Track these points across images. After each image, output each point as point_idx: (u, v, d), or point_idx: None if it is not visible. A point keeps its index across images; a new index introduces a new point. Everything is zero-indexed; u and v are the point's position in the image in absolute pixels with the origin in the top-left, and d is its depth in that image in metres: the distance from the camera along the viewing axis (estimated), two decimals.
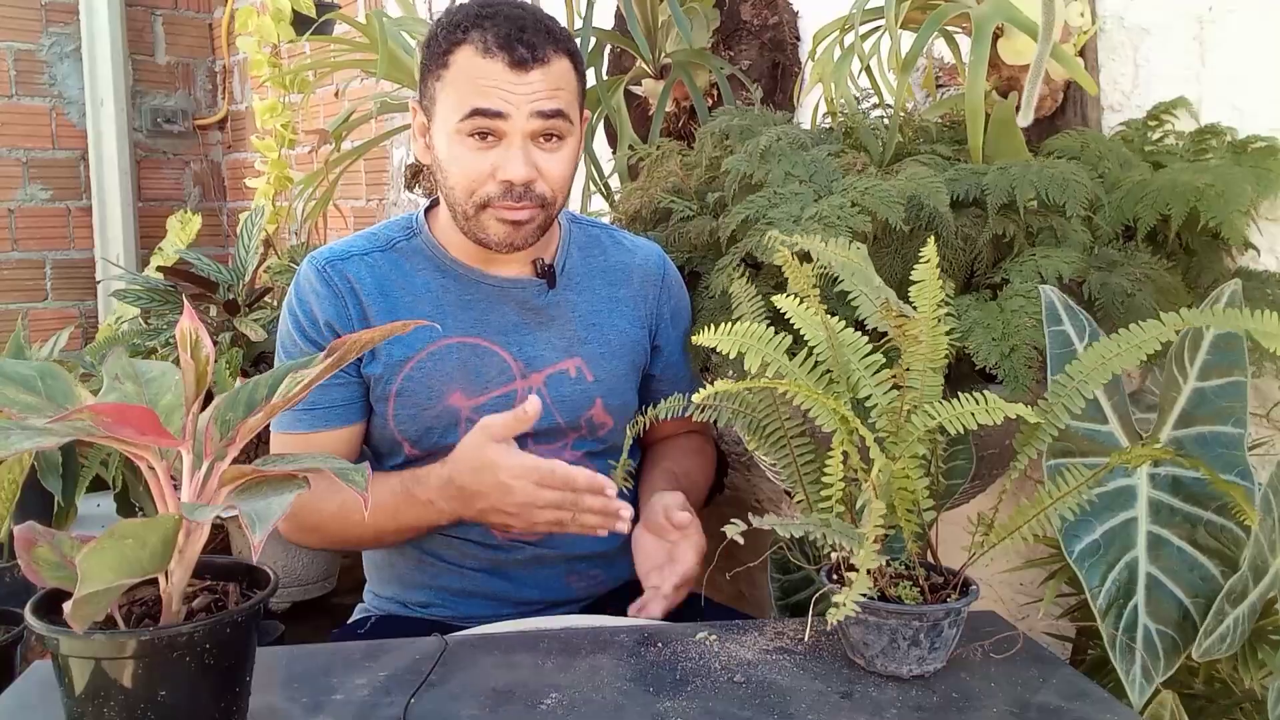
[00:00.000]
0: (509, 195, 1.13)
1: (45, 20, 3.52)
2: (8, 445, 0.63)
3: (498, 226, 1.15)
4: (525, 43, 1.10)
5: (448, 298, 1.21)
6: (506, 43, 1.09)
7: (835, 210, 1.06)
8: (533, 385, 1.21)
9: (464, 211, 1.15)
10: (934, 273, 0.89)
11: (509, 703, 0.84)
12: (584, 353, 1.24)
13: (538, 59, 1.10)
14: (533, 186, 1.13)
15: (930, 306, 0.88)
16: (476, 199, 1.14)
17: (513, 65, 1.09)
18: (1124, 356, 0.86)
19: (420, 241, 1.24)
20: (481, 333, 1.21)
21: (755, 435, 1.00)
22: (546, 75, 1.11)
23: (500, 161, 1.12)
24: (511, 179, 1.12)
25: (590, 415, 1.24)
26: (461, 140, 1.12)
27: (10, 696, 0.85)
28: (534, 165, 1.12)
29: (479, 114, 1.10)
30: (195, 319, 0.75)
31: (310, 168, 2.69)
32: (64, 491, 1.70)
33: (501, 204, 1.13)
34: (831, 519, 0.88)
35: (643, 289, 1.29)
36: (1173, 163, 1.19)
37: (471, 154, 1.12)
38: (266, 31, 2.62)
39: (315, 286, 1.20)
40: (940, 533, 0.94)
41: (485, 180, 1.13)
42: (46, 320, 3.55)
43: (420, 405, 1.19)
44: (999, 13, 1.16)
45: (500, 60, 1.09)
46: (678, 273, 1.32)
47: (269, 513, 0.64)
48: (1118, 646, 0.91)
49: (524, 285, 1.23)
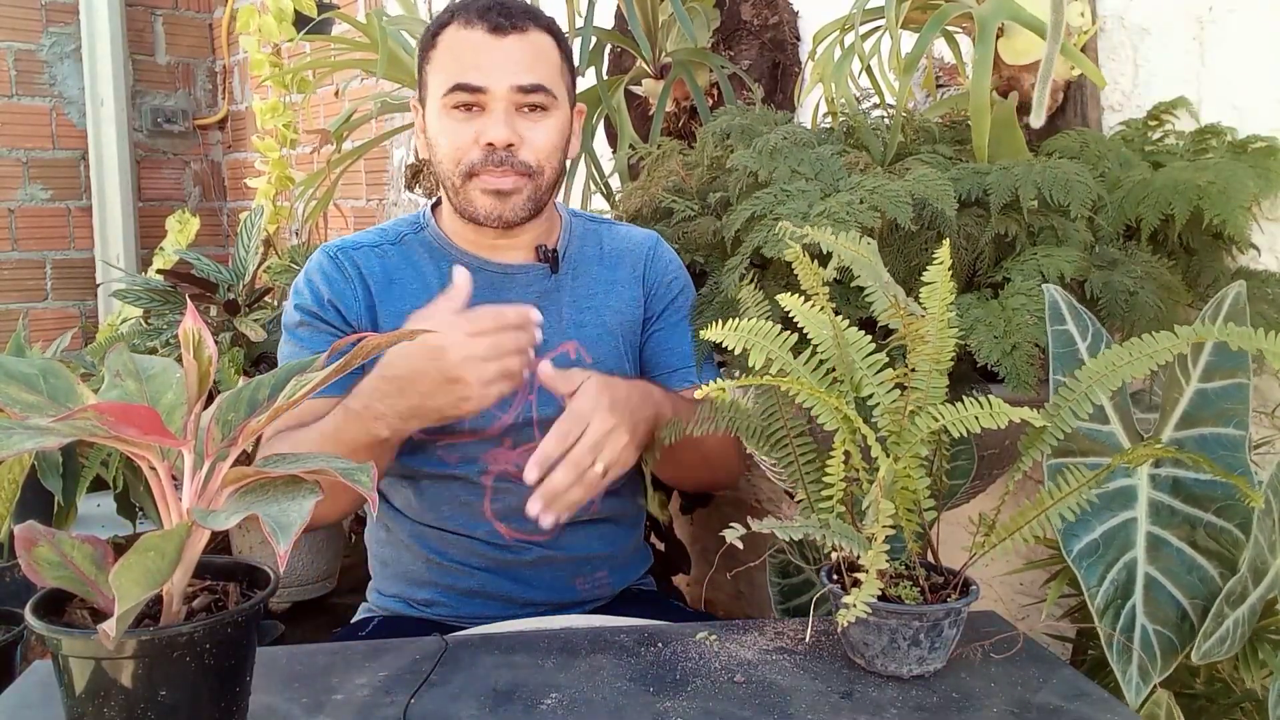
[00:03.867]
0: (491, 159, 1.15)
1: (45, 20, 3.52)
2: (10, 445, 0.63)
3: (483, 199, 1.17)
4: (503, 12, 1.15)
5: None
6: (484, 13, 1.15)
7: (844, 207, 1.06)
8: (533, 369, 1.21)
9: (453, 185, 1.19)
10: (945, 274, 0.89)
11: (509, 703, 0.84)
12: (581, 335, 1.25)
13: (515, 26, 1.15)
14: (515, 152, 1.16)
15: (940, 308, 0.88)
16: (462, 167, 1.17)
17: (491, 30, 1.14)
18: (1134, 365, 0.86)
19: (428, 234, 1.27)
20: None
21: (755, 438, 1.00)
22: (524, 43, 1.16)
23: (482, 128, 1.15)
24: (493, 140, 1.14)
25: None
26: (447, 113, 1.16)
27: (10, 696, 0.85)
28: (515, 131, 1.15)
29: (460, 89, 1.15)
30: (198, 320, 0.76)
31: (311, 168, 2.70)
32: (64, 491, 1.70)
33: (484, 170, 1.16)
34: (831, 519, 0.88)
35: (634, 269, 1.30)
36: (1172, 162, 1.19)
37: (456, 124, 1.16)
38: (268, 31, 2.62)
39: (325, 269, 1.23)
40: (940, 533, 0.94)
41: (469, 148, 1.16)
42: (46, 320, 3.55)
43: None
44: (1002, 12, 1.16)
45: (479, 28, 1.15)
46: (672, 252, 1.33)
47: (291, 521, 0.64)
48: (1115, 646, 0.91)
49: (527, 271, 1.25)
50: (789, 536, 0.84)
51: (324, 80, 2.80)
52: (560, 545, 1.24)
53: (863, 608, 0.77)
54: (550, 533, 1.25)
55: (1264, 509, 0.89)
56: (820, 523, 0.87)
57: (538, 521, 1.05)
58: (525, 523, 1.23)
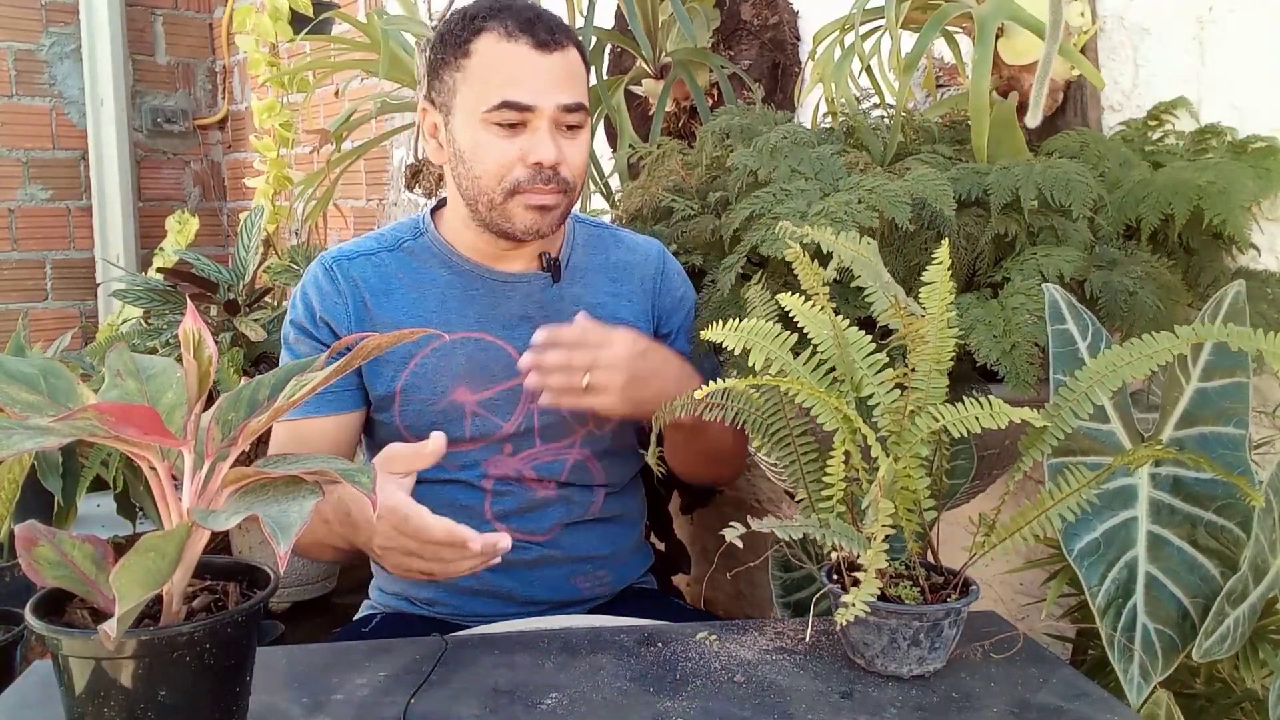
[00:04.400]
0: (538, 178, 1.14)
1: (45, 20, 3.52)
2: (10, 445, 0.63)
3: (524, 214, 1.16)
4: (545, 28, 1.14)
5: (452, 293, 1.22)
6: (528, 26, 1.13)
7: (842, 206, 1.06)
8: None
9: (490, 200, 1.16)
10: (945, 274, 0.89)
11: (509, 703, 0.84)
12: None
13: (557, 43, 1.14)
14: (559, 170, 1.15)
15: (940, 308, 0.88)
16: (506, 184, 1.15)
17: (537, 46, 1.13)
18: (1135, 365, 0.86)
19: (427, 240, 1.25)
20: (486, 328, 1.22)
21: (758, 434, 1.00)
22: (566, 61, 1.15)
23: (529, 146, 1.14)
24: (542, 160, 1.13)
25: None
26: (487, 128, 1.14)
27: (10, 696, 0.85)
28: (560, 150, 1.15)
29: (508, 106, 1.12)
30: (198, 320, 0.76)
31: (311, 168, 2.69)
32: (64, 491, 1.70)
33: (530, 188, 1.14)
34: (831, 519, 0.88)
35: (643, 284, 1.29)
36: (1172, 162, 1.19)
37: (500, 140, 1.14)
38: (264, 30, 2.62)
39: (320, 283, 1.22)
40: (940, 532, 0.94)
41: (514, 165, 1.14)
42: (46, 320, 3.55)
43: (425, 401, 1.20)
44: (1002, 12, 1.16)
45: (524, 42, 1.12)
46: (678, 264, 1.33)
47: (291, 521, 0.64)
48: (1116, 645, 0.91)
49: (529, 280, 1.24)
50: (789, 536, 0.84)
51: (324, 80, 2.80)
52: (560, 545, 1.25)
53: (862, 606, 0.77)
54: (548, 533, 1.25)
55: (1264, 508, 0.89)
56: (820, 522, 0.87)
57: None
58: (525, 523, 1.24)
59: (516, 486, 1.24)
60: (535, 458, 1.23)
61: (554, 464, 1.24)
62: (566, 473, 1.25)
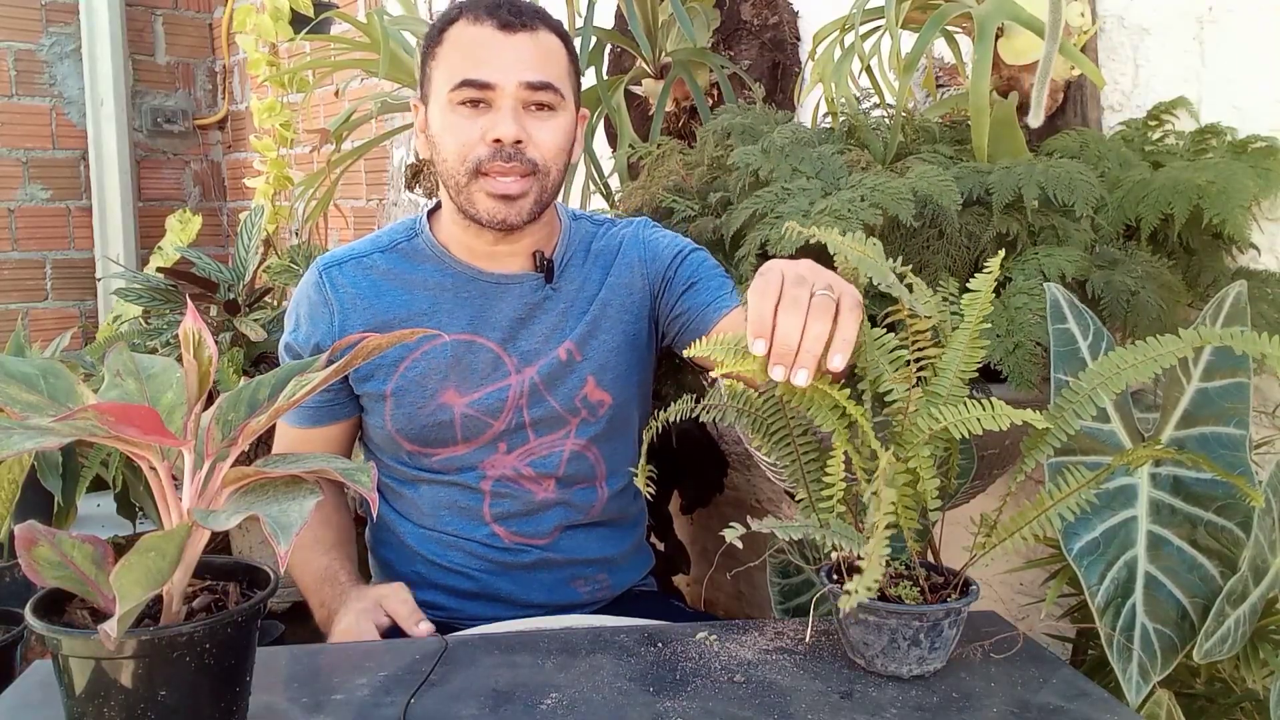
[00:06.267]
0: (499, 156, 1.13)
1: (45, 20, 3.52)
2: (10, 445, 0.63)
3: (486, 201, 1.15)
4: (512, 10, 1.14)
5: (444, 295, 1.22)
6: (494, 10, 1.14)
7: (846, 204, 1.06)
8: (526, 378, 1.21)
9: (456, 183, 1.16)
10: (991, 284, 0.88)
11: (509, 703, 0.84)
12: (573, 335, 1.23)
13: (525, 25, 1.14)
14: (523, 149, 1.14)
15: (977, 319, 0.87)
16: (468, 164, 1.14)
17: (501, 26, 1.13)
18: (1139, 368, 0.85)
19: (421, 241, 1.25)
20: (477, 329, 1.21)
21: (759, 433, 1.00)
22: (533, 42, 1.14)
23: (489, 124, 1.13)
24: (500, 136, 1.12)
25: (584, 394, 1.23)
26: (453, 109, 1.14)
27: (10, 696, 0.85)
28: (523, 128, 1.14)
29: (468, 84, 1.13)
30: (198, 320, 0.75)
31: (311, 168, 2.70)
32: (64, 491, 1.70)
33: (492, 166, 1.14)
34: (831, 519, 0.88)
35: (631, 266, 1.26)
36: (1172, 162, 1.19)
37: (463, 121, 1.14)
38: (264, 30, 2.61)
39: (310, 295, 1.24)
40: (940, 532, 0.94)
41: (475, 144, 1.14)
42: (46, 320, 3.55)
43: (415, 404, 1.20)
44: (1002, 12, 1.16)
45: (489, 24, 1.13)
46: (659, 230, 1.29)
47: (291, 521, 0.64)
48: (1115, 645, 0.91)
49: (522, 281, 1.23)
50: (789, 536, 0.84)
51: (324, 80, 2.80)
52: (558, 548, 1.24)
53: (864, 593, 0.75)
54: (549, 536, 1.25)
55: (1264, 508, 0.89)
56: (820, 522, 0.87)
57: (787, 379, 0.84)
58: (525, 525, 1.24)
59: (515, 487, 1.24)
60: (531, 452, 1.23)
61: (550, 457, 1.24)
62: (564, 465, 1.24)
